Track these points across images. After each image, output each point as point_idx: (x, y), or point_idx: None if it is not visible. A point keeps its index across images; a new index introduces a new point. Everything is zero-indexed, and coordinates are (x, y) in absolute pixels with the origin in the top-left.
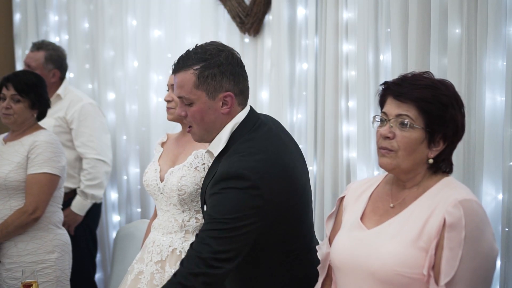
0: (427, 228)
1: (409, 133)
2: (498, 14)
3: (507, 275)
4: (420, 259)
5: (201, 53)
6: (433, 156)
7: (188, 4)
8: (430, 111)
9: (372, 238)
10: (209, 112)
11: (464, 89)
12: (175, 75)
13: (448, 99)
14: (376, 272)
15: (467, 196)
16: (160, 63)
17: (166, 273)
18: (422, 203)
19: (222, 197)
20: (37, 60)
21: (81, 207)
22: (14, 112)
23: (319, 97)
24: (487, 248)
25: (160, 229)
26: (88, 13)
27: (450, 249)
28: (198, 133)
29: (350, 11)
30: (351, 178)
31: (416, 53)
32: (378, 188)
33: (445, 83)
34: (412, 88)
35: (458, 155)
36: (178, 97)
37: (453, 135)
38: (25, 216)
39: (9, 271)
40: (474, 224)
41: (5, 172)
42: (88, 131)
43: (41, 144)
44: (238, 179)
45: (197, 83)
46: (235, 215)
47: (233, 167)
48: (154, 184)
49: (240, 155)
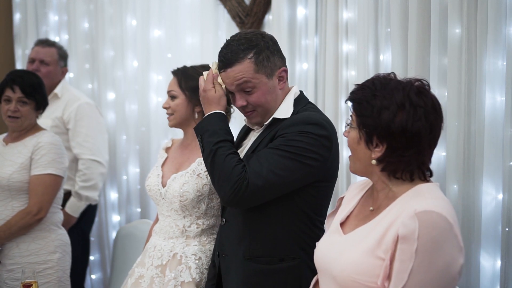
0: (386, 238)
1: (351, 132)
2: (498, 14)
3: (507, 275)
4: (377, 268)
5: (246, 43)
6: (375, 157)
7: (188, 4)
8: (360, 112)
9: (342, 243)
10: (270, 91)
11: (464, 89)
12: (227, 71)
13: (380, 100)
14: (336, 277)
15: (428, 208)
16: (160, 63)
17: (166, 278)
18: (391, 211)
19: (296, 136)
20: (52, 55)
21: (75, 208)
22: (22, 115)
23: (319, 97)
24: (444, 263)
25: (162, 233)
26: (88, 13)
27: (401, 261)
28: (261, 114)
29: (350, 11)
30: (351, 178)
31: (416, 53)
32: (367, 191)
33: (386, 84)
34: (354, 90)
35: (458, 155)
36: (237, 88)
37: (389, 137)
38: (29, 217)
39: (10, 272)
40: (429, 237)
41: (8, 173)
42: (85, 131)
43: (45, 145)
44: (317, 126)
45: (256, 69)
46: (303, 152)
47: (311, 115)
48: (156, 189)
49: (313, 111)
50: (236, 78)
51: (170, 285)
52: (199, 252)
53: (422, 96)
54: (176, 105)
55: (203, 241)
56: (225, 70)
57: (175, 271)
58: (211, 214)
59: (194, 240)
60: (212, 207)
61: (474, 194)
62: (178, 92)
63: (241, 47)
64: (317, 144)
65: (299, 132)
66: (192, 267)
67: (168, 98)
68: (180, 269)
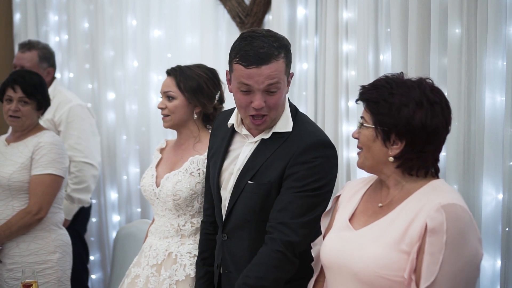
0: (410, 232)
1: (364, 131)
2: (498, 14)
3: (507, 275)
4: (402, 262)
5: (277, 41)
6: (393, 154)
7: (188, 4)
8: (376, 111)
9: (357, 239)
10: (283, 95)
11: (464, 89)
12: (261, 67)
13: (398, 98)
14: (358, 274)
15: (451, 201)
16: (160, 63)
17: (161, 277)
18: (408, 206)
19: (314, 169)
20: (31, 60)
21: (68, 211)
22: (22, 115)
23: (319, 97)
24: (470, 253)
25: (157, 233)
26: (88, 13)
27: (431, 254)
28: (271, 118)
29: (350, 11)
30: (351, 178)
31: (416, 53)
32: (371, 188)
33: (401, 82)
34: (366, 90)
35: (458, 155)
36: (266, 87)
37: (409, 134)
38: (29, 216)
39: (10, 271)
40: (457, 229)
41: (8, 173)
42: (76, 133)
43: (46, 145)
44: (329, 148)
45: (286, 70)
46: (324, 188)
47: (316, 135)
48: (150, 189)
49: (310, 124)
50: (271, 76)
51: (165, 284)
52: (194, 250)
53: (436, 93)
54: (175, 106)
55: (197, 240)
56: (259, 67)
57: (170, 270)
58: None
59: (189, 239)
60: None
61: (474, 194)
62: (177, 93)
63: (275, 45)
64: (331, 168)
65: (314, 159)
66: (186, 264)
67: (164, 99)
68: (175, 268)
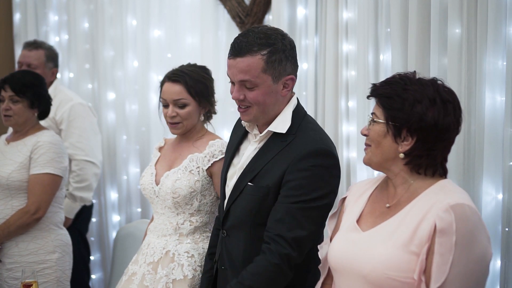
0: (419, 232)
1: (374, 127)
2: (498, 14)
3: (507, 275)
4: (411, 263)
5: (265, 38)
6: (403, 150)
7: (188, 4)
8: (389, 106)
9: (365, 241)
10: (271, 95)
11: (464, 89)
12: (236, 59)
13: (412, 94)
14: (367, 275)
15: (459, 201)
16: (160, 63)
17: (157, 275)
18: (416, 206)
19: (312, 178)
20: (38, 58)
21: (70, 210)
22: (14, 113)
23: (319, 97)
24: (480, 253)
25: (156, 231)
26: (88, 13)
27: (440, 255)
28: (254, 114)
29: (350, 11)
30: (351, 178)
31: (416, 53)
32: (377, 189)
33: (415, 79)
34: (379, 87)
35: (458, 155)
36: (239, 81)
37: (421, 130)
38: (27, 216)
39: (10, 271)
40: (466, 229)
41: (7, 172)
42: (78, 132)
43: (44, 145)
44: (329, 157)
45: (265, 68)
46: (323, 200)
47: (319, 143)
48: (150, 187)
49: (316, 131)
50: (242, 70)
51: (162, 283)
52: (192, 250)
53: (449, 93)
54: (188, 113)
55: (196, 239)
56: (234, 58)
57: (167, 269)
58: (204, 211)
59: (187, 238)
60: (205, 203)
61: (474, 194)
62: (189, 100)
63: (258, 41)
64: (330, 179)
65: (311, 167)
66: (184, 265)
67: (173, 106)
68: (172, 266)
